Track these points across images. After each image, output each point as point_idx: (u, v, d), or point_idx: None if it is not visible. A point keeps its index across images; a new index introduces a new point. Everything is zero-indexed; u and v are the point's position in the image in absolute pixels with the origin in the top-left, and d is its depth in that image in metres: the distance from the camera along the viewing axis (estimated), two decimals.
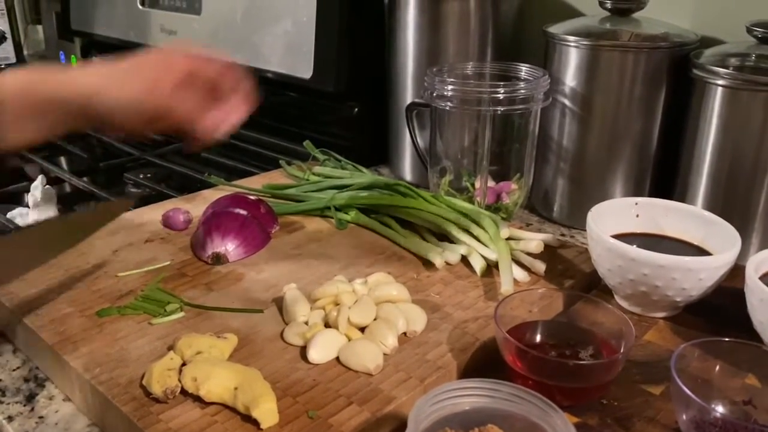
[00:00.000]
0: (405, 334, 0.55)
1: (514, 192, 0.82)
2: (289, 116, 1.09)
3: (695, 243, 0.62)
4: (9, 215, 0.82)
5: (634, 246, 0.58)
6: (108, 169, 1.03)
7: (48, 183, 0.88)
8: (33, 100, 0.56)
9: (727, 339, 0.48)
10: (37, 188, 0.83)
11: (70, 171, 1.03)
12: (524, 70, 0.82)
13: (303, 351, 0.52)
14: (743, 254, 0.58)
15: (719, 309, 0.59)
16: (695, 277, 0.55)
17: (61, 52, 1.54)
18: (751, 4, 0.78)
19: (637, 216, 0.64)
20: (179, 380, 0.47)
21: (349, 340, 0.53)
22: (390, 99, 0.96)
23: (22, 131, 0.57)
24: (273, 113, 1.12)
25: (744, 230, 0.70)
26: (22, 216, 0.82)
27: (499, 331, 0.49)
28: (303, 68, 0.99)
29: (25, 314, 0.57)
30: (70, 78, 0.58)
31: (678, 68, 0.75)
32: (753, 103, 0.68)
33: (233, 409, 0.46)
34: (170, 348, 0.52)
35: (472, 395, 0.41)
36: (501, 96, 0.76)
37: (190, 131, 0.60)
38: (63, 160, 1.12)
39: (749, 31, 0.71)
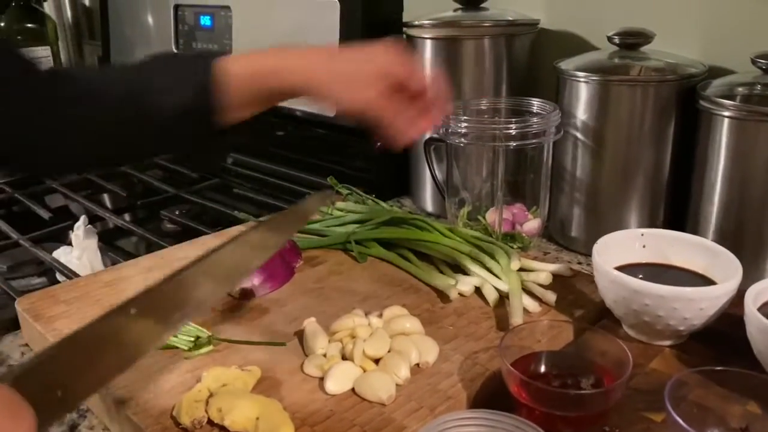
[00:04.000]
0: (418, 365, 0.58)
1: (530, 222, 0.85)
2: (316, 152, 1.14)
3: (700, 272, 0.64)
4: (54, 254, 0.88)
5: (640, 276, 0.61)
6: (145, 206, 1.09)
7: (89, 221, 0.94)
8: (254, 89, 0.61)
9: (720, 368, 0.50)
10: (80, 228, 0.89)
11: (110, 208, 1.09)
12: (536, 104, 0.85)
13: (321, 382, 0.56)
14: (756, 281, 0.59)
15: (725, 336, 0.61)
16: (696, 306, 0.57)
17: None
18: (758, 34, 0.80)
19: (644, 247, 0.66)
20: (206, 411, 0.51)
21: (364, 371, 0.56)
22: None
23: (241, 112, 0.62)
24: (301, 149, 1.17)
25: (756, 258, 0.72)
26: (66, 254, 0.87)
27: (504, 364, 0.51)
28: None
29: None
30: (289, 73, 0.61)
31: (686, 100, 0.77)
32: (759, 134, 0.70)
33: None
34: (199, 380, 0.56)
35: (473, 425, 0.44)
36: (513, 131, 0.79)
37: (388, 132, 0.62)
38: (104, 198, 1.19)
39: (754, 62, 0.73)
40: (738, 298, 0.58)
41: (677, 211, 0.81)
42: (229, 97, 0.60)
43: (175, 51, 1.33)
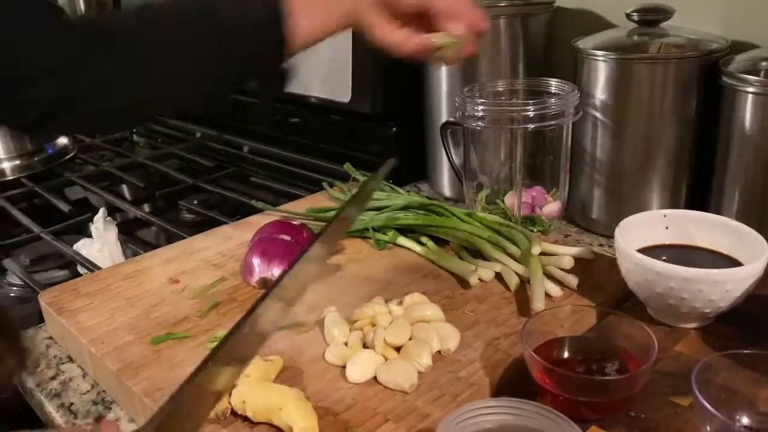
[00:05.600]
0: (439, 352, 0.58)
1: (550, 205, 0.84)
2: (331, 138, 1.13)
3: (725, 252, 0.62)
4: (75, 246, 0.89)
5: (663, 258, 0.60)
6: (163, 196, 1.10)
7: (109, 212, 0.94)
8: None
9: (748, 351, 0.49)
10: (99, 220, 0.89)
11: (129, 200, 1.10)
12: (554, 84, 0.83)
13: (343, 371, 0.56)
14: None
15: (752, 317, 0.60)
16: (722, 288, 0.56)
17: None
18: None
19: (667, 228, 0.65)
20: (230, 402, 0.51)
21: (386, 359, 0.56)
22: (426, 118, 0.99)
23: (311, 35, 0.58)
24: (317, 136, 1.16)
25: None
26: (87, 247, 0.88)
27: (526, 350, 0.51)
28: (342, 92, 1.03)
29: (92, 343, 0.63)
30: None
31: (708, 76, 0.75)
32: None
33: (279, 428, 0.50)
34: None
35: (497, 413, 0.43)
36: (531, 113, 0.78)
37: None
38: (123, 189, 1.19)
39: None
40: (765, 279, 0.57)
41: (700, 190, 0.80)
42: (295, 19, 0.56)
43: None
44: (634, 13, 0.79)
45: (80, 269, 0.86)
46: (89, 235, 0.91)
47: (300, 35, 0.57)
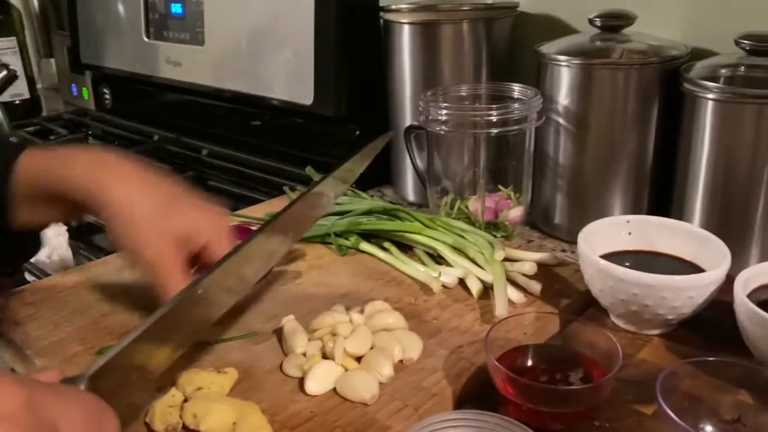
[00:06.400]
0: (401, 361, 0.56)
1: (513, 210, 0.83)
2: (293, 141, 1.11)
3: (688, 259, 0.62)
4: None
5: (626, 264, 0.59)
6: None
7: None
8: (41, 193, 0.56)
9: (711, 358, 0.49)
10: (50, 227, 0.86)
11: None
12: (517, 89, 0.83)
13: (302, 382, 0.54)
14: (743, 266, 0.58)
15: (715, 323, 0.60)
16: (685, 295, 0.55)
17: (73, 85, 1.58)
18: (740, 15, 0.78)
19: (630, 234, 0.65)
20: (180, 417, 0.49)
21: (346, 370, 0.54)
22: (390, 121, 0.98)
23: (31, 216, 0.58)
24: (278, 139, 1.14)
25: (742, 242, 0.70)
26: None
27: (489, 359, 0.50)
28: (304, 95, 1.01)
29: (36, 354, 0.60)
30: (73, 185, 0.55)
31: (670, 82, 0.76)
32: (743, 116, 0.68)
33: None
34: (173, 384, 0.53)
35: (458, 426, 0.42)
36: (494, 118, 0.77)
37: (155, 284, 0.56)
38: None
39: (737, 43, 0.71)
40: (726, 285, 0.57)
41: (662, 196, 0.80)
42: (15, 193, 0.55)
43: (146, 41, 1.29)
44: (597, 19, 0.79)
45: (28, 276, 0.82)
46: None
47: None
